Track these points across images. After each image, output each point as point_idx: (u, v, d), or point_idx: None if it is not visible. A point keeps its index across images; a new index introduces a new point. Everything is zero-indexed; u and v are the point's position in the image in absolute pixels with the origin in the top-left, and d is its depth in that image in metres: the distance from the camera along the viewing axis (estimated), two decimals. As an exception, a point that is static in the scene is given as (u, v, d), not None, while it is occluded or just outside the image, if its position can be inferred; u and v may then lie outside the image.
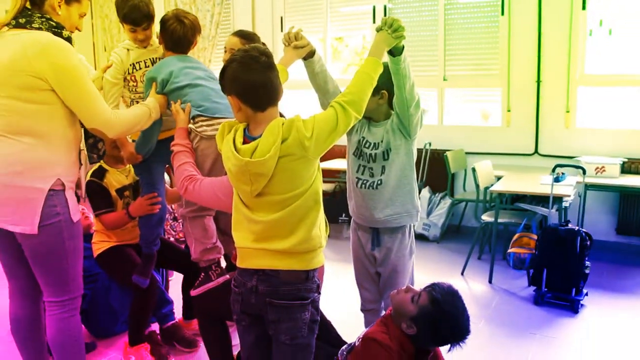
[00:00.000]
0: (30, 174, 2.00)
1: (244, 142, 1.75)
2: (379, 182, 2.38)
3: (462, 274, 4.20)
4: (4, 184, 1.99)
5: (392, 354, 2.02)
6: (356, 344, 2.15)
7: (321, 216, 1.83)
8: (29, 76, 1.95)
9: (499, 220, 4.05)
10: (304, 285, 1.78)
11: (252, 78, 1.69)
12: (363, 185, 2.42)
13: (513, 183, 4.29)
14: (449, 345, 2.09)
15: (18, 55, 1.94)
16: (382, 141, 2.37)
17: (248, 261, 1.80)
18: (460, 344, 2.06)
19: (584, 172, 4.00)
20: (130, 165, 2.89)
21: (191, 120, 2.28)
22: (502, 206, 4.23)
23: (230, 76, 1.72)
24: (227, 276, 2.44)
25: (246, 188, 1.74)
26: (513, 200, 4.42)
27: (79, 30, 2.21)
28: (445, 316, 2.02)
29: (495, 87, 5.37)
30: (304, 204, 1.74)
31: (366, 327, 2.44)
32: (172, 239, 4.60)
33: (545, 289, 3.56)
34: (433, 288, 2.08)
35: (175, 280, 3.23)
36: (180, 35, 2.40)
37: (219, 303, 2.31)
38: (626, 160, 4.58)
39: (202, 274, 2.45)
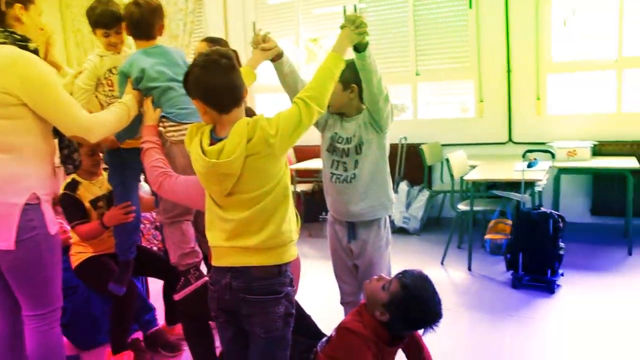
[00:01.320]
0: (4, 189, 2.00)
1: (211, 144, 1.78)
2: (353, 176, 2.43)
3: (441, 263, 4.26)
4: None
5: (366, 342, 2.07)
6: (332, 335, 2.20)
7: (291, 210, 1.87)
8: None
9: (475, 208, 4.13)
10: (277, 279, 1.82)
11: (213, 81, 1.72)
12: (337, 180, 2.46)
13: (487, 171, 4.37)
14: (422, 330, 2.15)
15: None
16: (354, 136, 2.42)
17: (221, 259, 1.84)
18: (434, 327, 2.12)
19: (553, 156, 4.10)
20: (104, 176, 2.92)
21: (160, 122, 2.31)
22: (477, 194, 4.31)
23: (193, 81, 1.75)
24: (206, 278, 2.47)
25: (215, 188, 1.79)
26: (488, 188, 4.50)
27: (42, 30, 2.21)
28: (415, 300, 2.07)
29: (468, 80, 5.46)
30: (273, 200, 1.78)
31: (345, 319, 2.49)
32: (154, 248, 4.62)
33: (522, 272, 3.63)
34: (404, 274, 2.14)
35: (157, 286, 3.25)
36: (138, 17, 2.37)
37: (201, 305, 2.33)
38: (597, 143, 4.68)
39: (182, 278, 2.47)
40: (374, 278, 2.21)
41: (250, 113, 2.45)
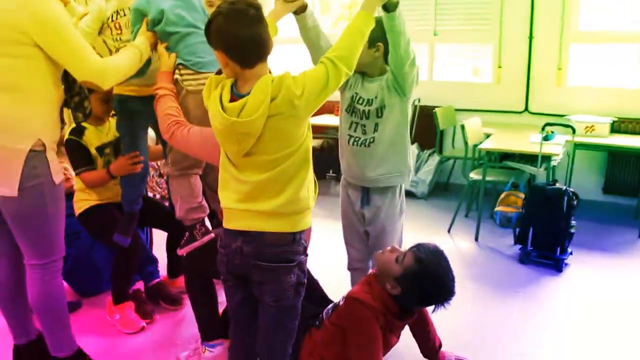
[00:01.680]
0: (9, 132, 1.92)
1: (232, 100, 1.67)
2: (372, 139, 2.34)
3: (448, 231, 4.21)
4: None
5: (375, 314, 2.02)
6: (340, 304, 2.15)
7: (310, 176, 1.78)
8: (8, 29, 1.84)
9: (487, 179, 4.04)
10: (290, 247, 1.75)
11: (239, 32, 1.60)
12: (355, 143, 2.37)
13: (502, 141, 4.25)
14: (432, 307, 2.10)
15: None
16: (376, 97, 2.31)
17: (233, 222, 1.76)
18: (445, 304, 2.07)
19: (574, 131, 3.97)
20: (111, 123, 2.81)
21: (177, 69, 2.19)
22: (490, 164, 4.21)
23: (216, 30, 1.62)
24: (212, 234, 2.41)
25: (233, 148, 1.69)
26: (501, 158, 4.40)
27: None
28: (429, 276, 2.01)
29: (487, 43, 5.26)
30: (294, 164, 1.69)
31: (352, 286, 2.44)
32: (157, 196, 4.57)
33: (531, 248, 3.57)
34: (418, 248, 2.08)
35: (161, 238, 3.20)
36: None
37: (206, 261, 2.29)
38: (616, 119, 4.54)
39: (187, 233, 2.41)
40: (387, 249, 2.14)
41: None
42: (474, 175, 4.17)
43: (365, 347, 2.02)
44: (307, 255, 1.83)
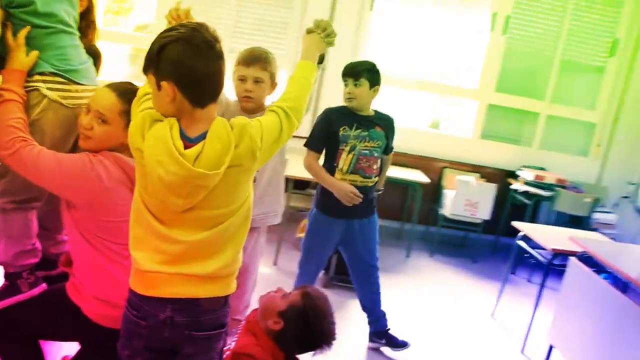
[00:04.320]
0: None
1: (185, 146, 1.41)
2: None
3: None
4: None
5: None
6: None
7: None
8: None
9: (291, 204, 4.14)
10: (222, 310, 1.55)
11: (200, 67, 1.38)
12: None
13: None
14: (312, 353, 2.07)
15: None
16: None
17: (159, 289, 1.47)
18: (326, 348, 2.05)
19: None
20: None
21: (37, 74, 1.74)
22: (294, 191, 4.35)
23: (173, 59, 1.36)
24: (44, 285, 1.98)
25: (177, 201, 1.42)
26: (304, 185, 4.56)
27: None
28: (314, 310, 1.98)
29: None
30: (236, 221, 1.50)
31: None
32: None
33: (334, 273, 3.80)
34: (304, 287, 2.06)
35: None
36: None
37: (33, 317, 1.86)
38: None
39: (7, 282, 1.92)
40: (271, 291, 2.08)
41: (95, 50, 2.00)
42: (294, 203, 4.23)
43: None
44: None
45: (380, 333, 3.07)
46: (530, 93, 5.60)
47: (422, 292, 4.12)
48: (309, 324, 1.96)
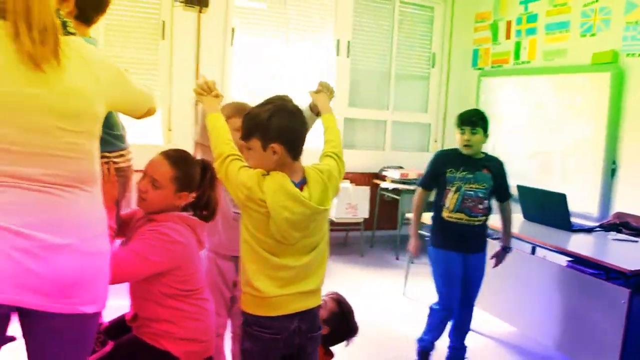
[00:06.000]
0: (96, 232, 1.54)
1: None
2: None
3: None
4: None
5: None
6: None
7: None
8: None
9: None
10: (319, 315, 2.01)
11: (299, 128, 1.79)
12: (237, 219, 2.50)
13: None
14: (345, 342, 2.52)
15: None
16: None
17: (286, 307, 1.84)
18: (354, 338, 2.53)
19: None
20: None
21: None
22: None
23: (279, 125, 1.74)
24: (110, 342, 2.13)
25: (297, 234, 1.79)
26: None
27: None
28: (349, 312, 2.50)
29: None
30: (324, 244, 1.93)
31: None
32: None
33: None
34: (330, 294, 2.52)
35: None
36: None
37: None
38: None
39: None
40: None
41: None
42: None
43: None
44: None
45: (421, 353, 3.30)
46: (376, 104, 6.52)
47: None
48: (348, 323, 2.44)
